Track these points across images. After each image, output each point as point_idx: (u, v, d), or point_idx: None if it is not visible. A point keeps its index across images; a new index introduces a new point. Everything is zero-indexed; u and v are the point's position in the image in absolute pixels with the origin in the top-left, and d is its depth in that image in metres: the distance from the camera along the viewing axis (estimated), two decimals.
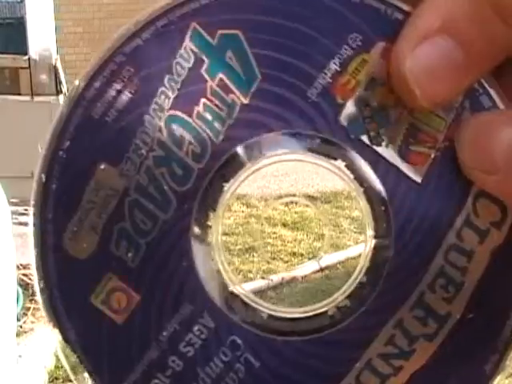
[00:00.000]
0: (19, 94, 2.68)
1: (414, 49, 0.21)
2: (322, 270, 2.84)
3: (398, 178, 0.22)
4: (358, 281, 0.23)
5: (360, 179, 0.23)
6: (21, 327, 2.06)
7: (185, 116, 0.22)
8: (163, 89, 0.22)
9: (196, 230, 0.23)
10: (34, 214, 0.22)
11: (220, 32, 0.22)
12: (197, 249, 0.23)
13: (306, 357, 0.23)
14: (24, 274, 2.38)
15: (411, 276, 0.23)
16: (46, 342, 2.15)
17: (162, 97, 0.22)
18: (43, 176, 0.22)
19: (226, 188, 0.23)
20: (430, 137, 0.22)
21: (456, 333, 0.23)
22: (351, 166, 0.23)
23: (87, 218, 0.22)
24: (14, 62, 2.70)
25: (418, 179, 0.23)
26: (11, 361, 0.62)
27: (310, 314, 0.24)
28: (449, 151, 0.22)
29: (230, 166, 0.23)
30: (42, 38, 2.65)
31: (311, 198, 3.72)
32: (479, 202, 0.23)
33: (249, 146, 0.22)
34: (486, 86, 0.22)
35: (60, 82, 2.66)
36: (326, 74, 0.22)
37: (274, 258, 2.99)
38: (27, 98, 2.67)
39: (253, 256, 2.99)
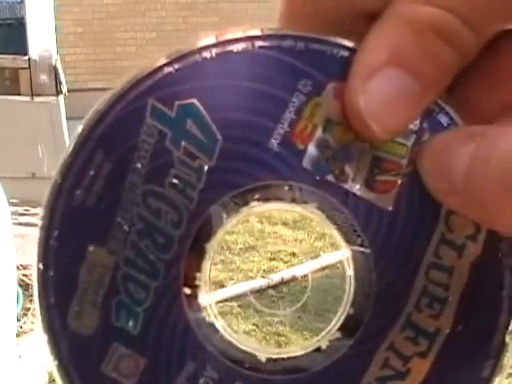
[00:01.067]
0: (19, 95, 2.67)
1: (366, 84, 0.21)
2: (322, 269, 2.84)
3: (368, 209, 0.23)
4: (345, 313, 0.24)
5: (332, 217, 0.24)
6: (21, 327, 2.06)
7: (158, 188, 0.23)
8: (134, 166, 0.23)
9: (187, 291, 0.24)
10: (39, 302, 0.24)
11: (177, 103, 0.23)
12: (190, 309, 0.24)
13: None
14: (24, 275, 2.38)
15: (396, 299, 0.23)
16: None
17: (135, 174, 0.23)
18: (40, 265, 0.24)
19: (207, 248, 0.24)
20: (393, 164, 0.23)
21: (448, 346, 0.23)
22: (322, 207, 0.24)
23: (86, 296, 0.24)
24: (13, 63, 2.69)
25: (389, 207, 0.23)
26: (11, 361, 0.62)
27: (306, 351, 0.24)
28: (414, 174, 0.23)
29: (207, 228, 0.24)
30: (41, 39, 2.65)
31: None
32: (451, 218, 0.23)
33: (222, 204, 0.23)
34: (442, 104, 0.22)
35: (60, 83, 2.66)
36: (283, 123, 0.23)
37: (274, 258, 2.99)
38: (27, 98, 2.67)
39: (253, 255, 2.99)
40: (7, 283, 0.62)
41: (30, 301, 2.31)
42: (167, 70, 0.23)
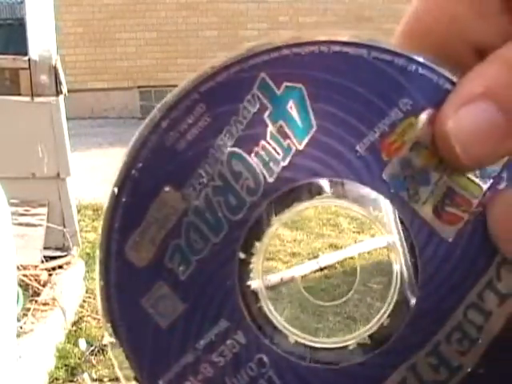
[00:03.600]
0: (19, 95, 2.67)
1: (457, 110, 0.22)
2: (321, 269, 2.84)
3: (430, 234, 0.24)
4: (380, 322, 0.25)
5: (397, 232, 0.25)
6: (21, 328, 2.06)
7: (245, 154, 0.25)
8: (229, 128, 0.25)
9: (241, 255, 0.25)
10: (104, 224, 0.25)
11: (285, 84, 0.24)
12: (240, 272, 0.25)
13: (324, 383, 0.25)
14: (24, 275, 2.39)
15: (430, 326, 0.24)
16: (46, 342, 2.15)
17: (227, 135, 0.25)
18: (116, 190, 0.25)
19: (273, 221, 0.25)
20: (465, 201, 0.24)
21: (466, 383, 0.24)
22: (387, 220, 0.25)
23: (148, 231, 0.25)
24: (14, 63, 2.69)
25: (449, 238, 0.24)
26: (11, 361, 0.62)
27: (333, 345, 0.25)
28: (481, 216, 0.24)
29: (279, 203, 0.25)
30: (42, 39, 2.65)
31: None
32: (503, 267, 0.24)
33: (299, 187, 0.25)
34: None
35: (60, 83, 2.66)
36: (375, 132, 0.24)
37: (272, 258, 2.99)
38: (27, 98, 2.66)
39: None
40: (7, 283, 0.62)
41: (30, 301, 2.31)
42: (285, 51, 0.24)
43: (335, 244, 3.17)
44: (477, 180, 0.24)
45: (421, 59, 0.24)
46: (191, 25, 6.89)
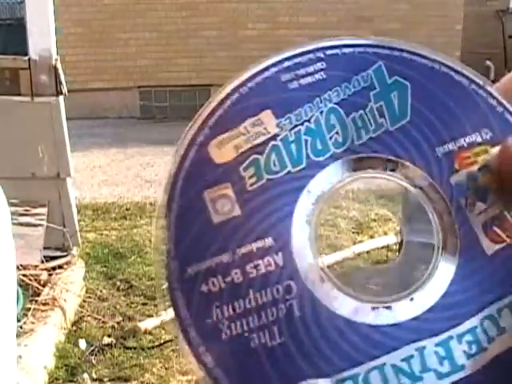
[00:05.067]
0: (19, 95, 2.67)
1: None
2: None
3: (474, 241, 0.28)
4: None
5: (444, 228, 0.28)
6: (21, 328, 2.06)
7: (343, 114, 0.29)
8: (338, 89, 0.29)
9: (310, 188, 0.28)
10: (197, 118, 0.29)
11: (396, 77, 0.30)
12: (300, 204, 0.28)
13: (341, 335, 0.26)
14: (24, 275, 2.38)
15: (448, 320, 0.27)
16: (46, 342, 2.14)
17: (335, 93, 0.29)
18: (222, 96, 0.29)
19: (344, 176, 0.29)
20: (511, 227, 0.28)
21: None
22: (441, 216, 0.28)
23: (237, 138, 0.28)
24: (14, 63, 2.69)
25: (488, 252, 0.28)
26: (11, 361, 0.62)
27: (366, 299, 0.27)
28: None
29: (356, 162, 0.29)
30: (42, 39, 2.65)
31: None
32: None
33: (377, 158, 0.29)
34: None
35: (60, 83, 2.65)
36: (455, 143, 0.29)
37: None
38: (27, 98, 2.66)
39: None
40: (7, 283, 0.62)
41: (30, 301, 2.31)
42: (405, 54, 0.30)
43: (334, 245, 3.17)
44: None
45: (509, 107, 0.30)
46: (191, 25, 6.89)
